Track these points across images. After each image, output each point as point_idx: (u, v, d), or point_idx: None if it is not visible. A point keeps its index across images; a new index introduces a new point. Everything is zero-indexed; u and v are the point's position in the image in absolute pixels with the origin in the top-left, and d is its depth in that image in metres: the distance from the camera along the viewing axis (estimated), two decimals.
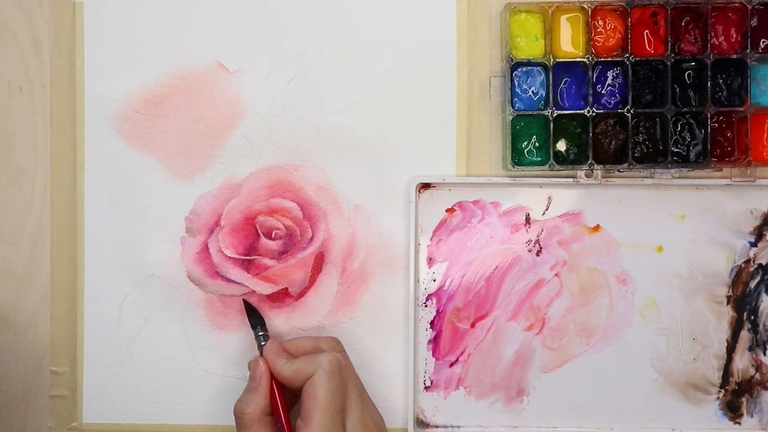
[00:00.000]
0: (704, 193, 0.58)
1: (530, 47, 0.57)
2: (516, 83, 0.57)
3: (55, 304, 0.59)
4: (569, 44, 0.57)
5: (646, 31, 0.57)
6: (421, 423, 0.58)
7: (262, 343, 0.55)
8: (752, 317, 0.58)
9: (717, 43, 0.57)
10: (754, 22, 0.56)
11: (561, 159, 0.57)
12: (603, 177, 0.57)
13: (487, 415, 0.58)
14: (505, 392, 0.58)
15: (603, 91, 0.57)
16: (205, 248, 0.58)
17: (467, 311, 0.58)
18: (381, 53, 0.58)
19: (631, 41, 0.56)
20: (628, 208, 0.58)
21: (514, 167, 0.57)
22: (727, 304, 0.58)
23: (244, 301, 0.57)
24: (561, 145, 0.57)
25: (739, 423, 0.58)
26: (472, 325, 0.58)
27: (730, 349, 0.58)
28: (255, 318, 0.56)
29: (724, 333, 0.58)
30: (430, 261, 0.58)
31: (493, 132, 0.58)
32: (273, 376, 0.53)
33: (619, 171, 0.57)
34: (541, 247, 0.58)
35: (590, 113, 0.56)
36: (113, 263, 0.58)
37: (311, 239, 0.58)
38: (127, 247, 0.58)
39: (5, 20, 0.59)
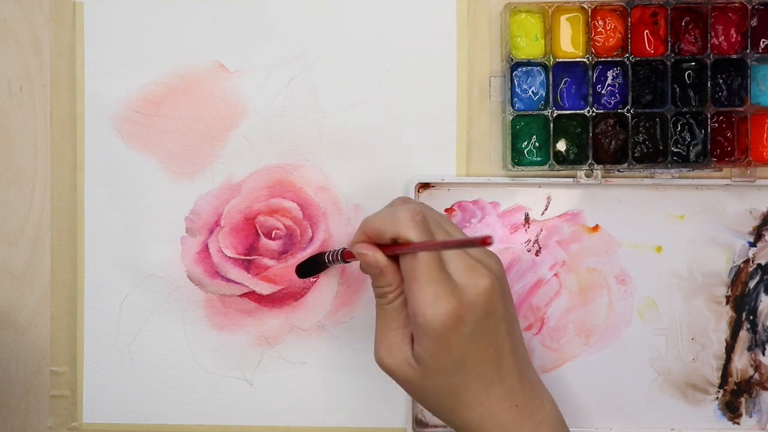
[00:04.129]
0: (704, 193, 0.58)
1: (530, 47, 0.57)
2: (516, 83, 0.57)
3: (55, 304, 0.59)
4: (569, 44, 0.57)
5: (646, 31, 0.57)
6: (420, 423, 0.58)
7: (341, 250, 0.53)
8: (751, 317, 0.58)
9: (717, 43, 0.57)
10: (754, 22, 0.56)
11: (561, 159, 0.57)
12: (603, 177, 0.57)
13: None
14: None
15: (603, 91, 0.57)
16: (205, 248, 0.58)
17: None
18: (381, 53, 0.58)
19: (631, 41, 0.56)
20: (627, 208, 0.58)
21: (514, 167, 0.57)
22: (726, 304, 0.58)
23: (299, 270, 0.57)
24: (561, 145, 0.57)
25: (738, 423, 0.58)
26: None
27: (729, 349, 0.58)
28: (317, 263, 0.56)
29: (723, 333, 0.58)
30: None
31: (493, 132, 0.58)
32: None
33: (619, 171, 0.57)
34: (540, 247, 0.58)
35: (590, 113, 0.56)
36: (113, 263, 0.58)
37: (311, 239, 0.58)
38: (127, 247, 0.58)
39: (5, 20, 0.59)
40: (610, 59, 0.56)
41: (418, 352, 0.47)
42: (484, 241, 0.40)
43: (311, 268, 0.57)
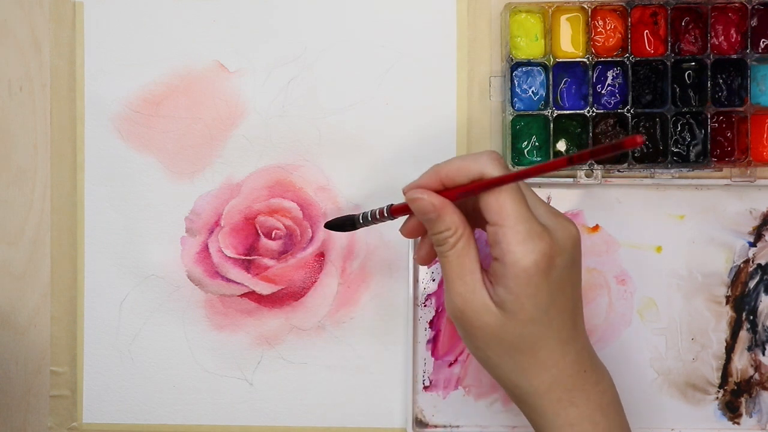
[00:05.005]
0: (704, 193, 0.58)
1: (530, 47, 0.57)
2: (516, 83, 0.57)
3: (55, 304, 0.59)
4: (569, 44, 0.57)
5: (646, 31, 0.57)
6: (420, 423, 0.58)
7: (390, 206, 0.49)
8: (751, 317, 0.58)
9: (717, 43, 0.57)
10: (754, 22, 0.56)
11: None
12: (603, 177, 0.57)
13: (485, 414, 0.58)
14: (504, 392, 0.58)
15: (603, 91, 0.57)
16: (205, 248, 0.58)
17: None
18: (381, 53, 0.58)
19: (631, 41, 0.56)
20: (627, 208, 0.58)
21: (514, 167, 0.57)
22: (726, 304, 0.58)
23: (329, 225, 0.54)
24: (561, 145, 0.57)
25: (738, 423, 0.58)
26: None
27: (729, 349, 0.58)
28: (347, 224, 0.52)
29: (723, 333, 0.58)
30: None
31: (493, 132, 0.58)
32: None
33: (619, 171, 0.57)
34: None
35: (590, 113, 0.56)
36: (113, 263, 0.58)
37: (311, 239, 0.58)
38: (127, 247, 0.58)
39: (5, 20, 0.59)
40: (610, 59, 0.56)
41: (501, 296, 0.44)
42: (634, 141, 0.36)
43: (340, 227, 0.54)
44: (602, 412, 0.47)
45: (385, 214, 0.50)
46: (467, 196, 0.45)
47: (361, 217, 0.51)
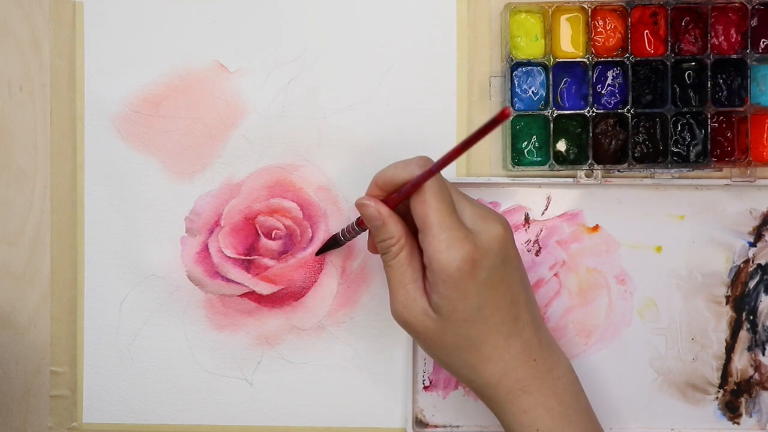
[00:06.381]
0: (704, 193, 0.58)
1: (530, 47, 0.57)
2: (516, 83, 0.57)
3: (55, 304, 0.59)
4: (569, 44, 0.57)
5: (646, 31, 0.57)
6: (420, 423, 0.58)
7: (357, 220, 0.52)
8: (751, 317, 0.58)
9: (717, 43, 0.57)
10: (754, 22, 0.56)
11: (561, 159, 0.57)
12: (603, 177, 0.57)
13: (485, 414, 0.58)
14: None
15: (603, 91, 0.57)
16: (205, 248, 0.58)
17: None
18: (381, 53, 0.58)
19: (631, 41, 0.56)
20: (627, 208, 0.58)
21: (514, 167, 0.57)
22: (726, 304, 0.58)
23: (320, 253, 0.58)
24: (561, 145, 0.57)
25: (738, 423, 0.58)
26: None
27: (729, 349, 0.58)
28: (334, 243, 0.56)
29: (723, 333, 0.58)
30: None
31: (493, 132, 0.58)
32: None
33: (619, 171, 0.57)
34: (540, 247, 0.58)
35: (590, 113, 0.56)
36: (113, 263, 0.58)
37: (311, 239, 0.58)
38: (127, 247, 0.58)
39: (5, 20, 0.59)
40: (610, 59, 0.56)
41: (435, 301, 0.47)
42: (504, 114, 0.38)
43: (330, 247, 0.57)
44: (557, 398, 0.49)
45: (356, 227, 0.52)
46: (401, 201, 0.48)
47: (341, 234, 0.54)
